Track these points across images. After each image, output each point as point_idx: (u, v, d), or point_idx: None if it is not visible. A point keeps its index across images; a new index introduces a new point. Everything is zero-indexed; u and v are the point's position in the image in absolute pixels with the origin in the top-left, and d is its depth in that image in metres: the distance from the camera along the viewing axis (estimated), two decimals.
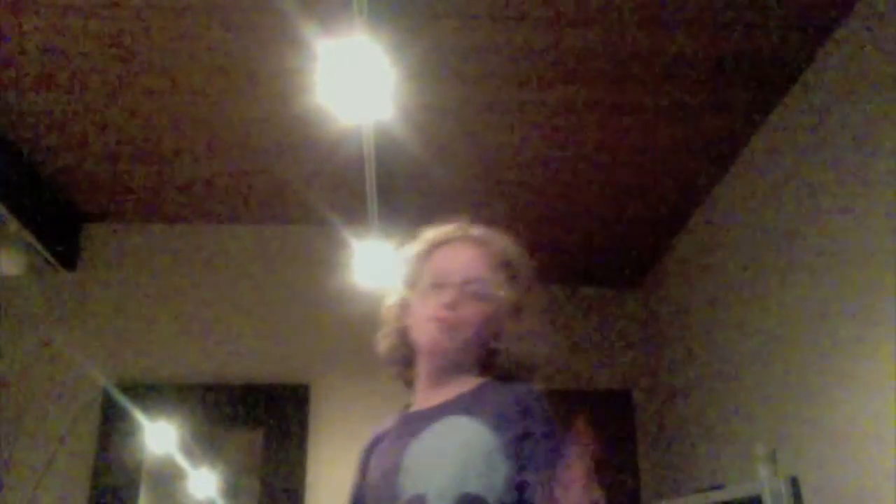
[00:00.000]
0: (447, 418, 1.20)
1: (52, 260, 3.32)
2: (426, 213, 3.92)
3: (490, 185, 3.30)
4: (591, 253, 3.83)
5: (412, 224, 3.65)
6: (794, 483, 2.49)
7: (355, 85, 1.86)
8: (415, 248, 1.39)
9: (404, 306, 1.34)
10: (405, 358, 1.35)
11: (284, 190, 3.32)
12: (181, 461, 3.23)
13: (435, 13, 2.36)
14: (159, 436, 3.20)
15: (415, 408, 1.31)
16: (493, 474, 1.12)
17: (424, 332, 1.28)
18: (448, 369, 1.28)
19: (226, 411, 3.33)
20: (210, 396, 3.29)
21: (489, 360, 1.29)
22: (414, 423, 1.24)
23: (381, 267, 2.99)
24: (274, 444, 3.30)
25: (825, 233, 2.47)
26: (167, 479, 3.29)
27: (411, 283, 1.35)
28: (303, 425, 3.29)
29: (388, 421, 1.37)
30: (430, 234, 1.40)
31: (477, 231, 1.36)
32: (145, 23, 2.39)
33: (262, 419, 3.34)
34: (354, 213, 3.10)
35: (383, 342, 1.37)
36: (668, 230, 3.64)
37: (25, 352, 3.28)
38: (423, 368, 1.31)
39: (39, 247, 3.19)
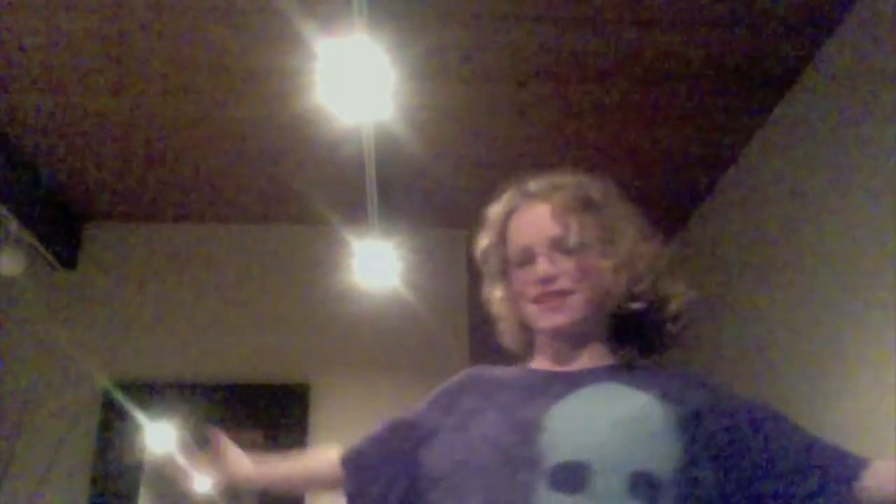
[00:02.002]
0: (600, 384, 1.08)
1: (52, 260, 3.32)
2: (426, 213, 3.95)
3: (490, 185, 3.29)
4: None
5: (412, 224, 3.68)
6: None
7: (355, 85, 1.86)
8: (486, 235, 1.27)
9: (509, 296, 1.21)
10: (530, 343, 1.23)
11: (284, 190, 3.32)
12: (181, 461, 3.23)
13: (435, 13, 2.36)
14: (159, 436, 3.20)
15: (546, 367, 1.17)
16: (669, 446, 1.01)
17: (537, 318, 1.15)
18: (579, 339, 1.15)
19: (226, 411, 3.33)
20: (210, 396, 3.29)
21: (612, 318, 1.16)
22: (553, 383, 1.10)
23: (381, 267, 2.99)
24: (274, 444, 3.29)
25: (825, 233, 2.47)
26: (167, 479, 3.29)
27: (503, 271, 1.22)
28: (303, 425, 3.29)
29: (488, 369, 1.22)
30: (492, 211, 1.29)
31: (544, 182, 1.24)
32: (145, 23, 2.39)
33: (262, 419, 3.34)
34: (354, 213, 3.10)
35: (504, 339, 1.26)
36: (668, 230, 3.64)
37: (25, 352, 3.28)
38: (550, 345, 1.18)
39: (39, 247, 3.19)
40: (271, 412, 3.33)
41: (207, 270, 3.55)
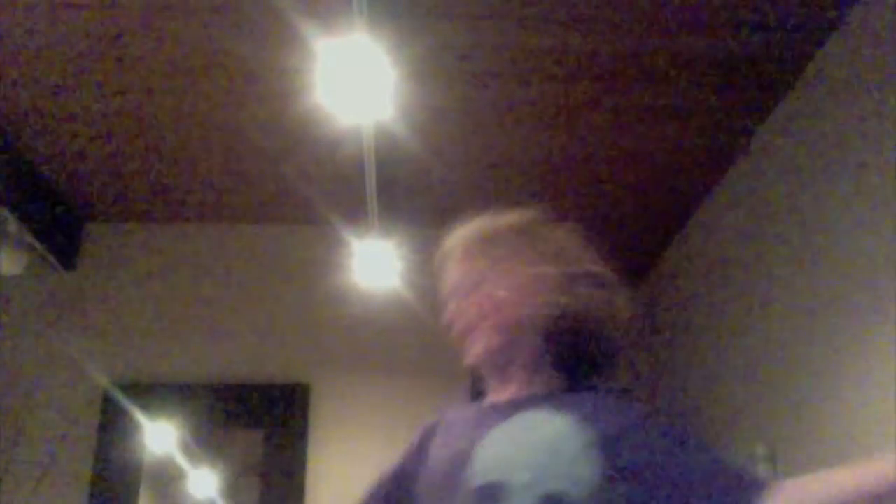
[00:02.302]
0: (526, 413, 1.14)
1: (52, 260, 3.32)
2: (426, 213, 3.96)
3: (490, 185, 3.30)
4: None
5: (412, 224, 3.68)
6: None
7: (355, 85, 1.86)
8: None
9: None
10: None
11: (284, 190, 3.32)
12: (181, 461, 3.23)
13: (435, 13, 2.36)
14: (159, 436, 3.20)
15: (489, 402, 1.23)
16: (586, 467, 1.05)
17: (463, 357, 1.24)
18: (504, 369, 1.21)
19: (226, 411, 3.33)
20: (210, 396, 3.29)
21: (557, 349, 1.19)
22: (488, 416, 1.17)
23: (381, 267, 2.99)
24: (274, 444, 3.30)
25: (825, 232, 2.47)
26: (167, 479, 3.29)
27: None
28: (303, 425, 3.29)
29: (454, 408, 1.31)
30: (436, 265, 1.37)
31: (452, 239, 1.32)
32: (145, 23, 2.39)
33: (262, 419, 3.34)
34: (354, 213, 3.10)
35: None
36: (668, 230, 3.64)
37: (25, 352, 3.28)
38: (487, 378, 1.26)
39: (39, 247, 3.19)
40: (271, 412, 3.33)
41: (207, 270, 3.55)
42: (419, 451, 1.28)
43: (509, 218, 1.29)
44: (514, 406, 1.16)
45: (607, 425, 1.09)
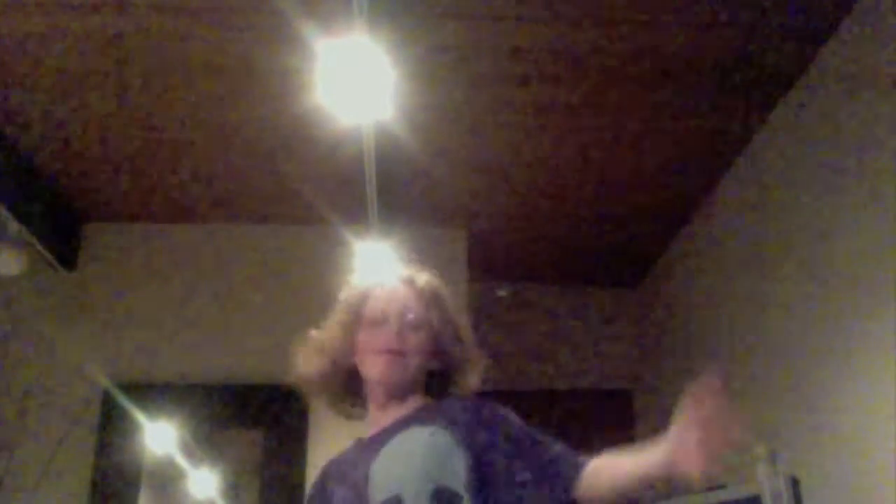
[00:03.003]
0: (404, 431, 1.34)
1: (52, 260, 3.32)
2: (426, 213, 3.95)
3: (490, 185, 3.30)
4: (591, 253, 3.83)
5: (412, 224, 3.68)
6: (794, 483, 2.49)
7: (355, 85, 1.86)
8: (349, 293, 1.58)
9: (347, 345, 1.49)
10: (347, 390, 1.52)
11: (284, 190, 3.32)
12: (181, 461, 3.23)
13: (435, 13, 2.36)
14: (159, 436, 3.20)
15: (369, 434, 1.44)
16: (455, 464, 1.27)
17: (375, 365, 1.42)
18: (397, 394, 1.43)
19: (226, 411, 3.33)
20: (210, 396, 3.29)
21: (428, 380, 1.45)
22: (373, 444, 1.37)
23: (381, 267, 2.99)
24: (274, 444, 3.29)
25: (825, 233, 2.47)
26: (167, 479, 3.29)
27: (350, 322, 1.51)
28: (303, 425, 3.29)
29: (341, 452, 1.52)
30: (361, 280, 1.60)
31: (404, 271, 1.55)
32: (145, 23, 2.39)
33: (262, 419, 3.34)
34: (354, 213, 3.09)
35: (315, 371, 1.58)
36: (668, 230, 3.64)
37: (25, 352, 3.28)
38: (373, 399, 1.46)
39: (39, 247, 3.19)
40: (271, 412, 3.32)
41: (207, 270, 3.55)
42: (320, 498, 1.45)
43: (443, 285, 1.56)
44: (393, 430, 1.36)
45: (463, 422, 1.32)
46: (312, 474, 3.23)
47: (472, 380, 1.48)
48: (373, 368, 1.44)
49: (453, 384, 1.48)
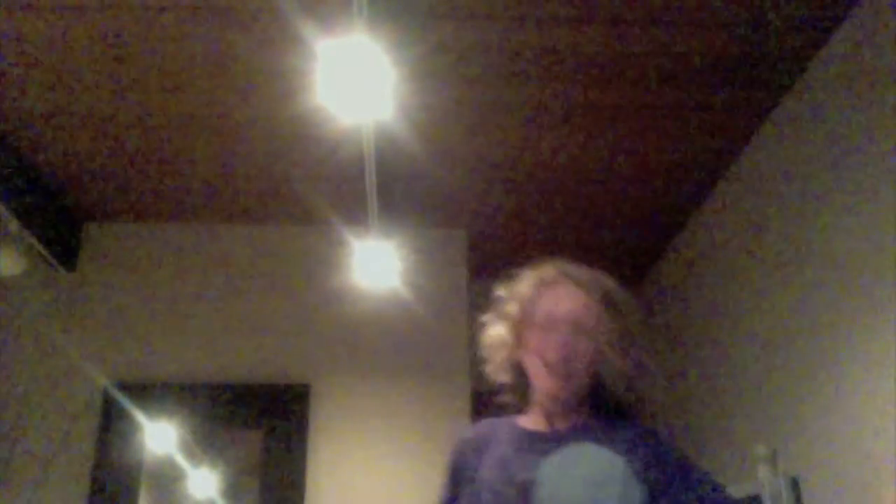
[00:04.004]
0: (578, 444, 1.32)
1: (52, 260, 3.32)
2: (426, 213, 3.95)
3: (490, 185, 3.30)
4: (590, 253, 3.83)
5: (412, 224, 3.67)
6: (794, 483, 2.49)
7: (355, 85, 1.86)
8: (521, 285, 1.47)
9: (516, 341, 1.43)
10: (520, 388, 1.45)
11: (284, 190, 3.32)
12: (181, 461, 3.23)
13: (435, 13, 2.36)
14: (159, 436, 3.20)
15: (535, 427, 1.40)
16: (631, 496, 1.26)
17: (542, 375, 1.38)
18: (565, 403, 1.39)
19: (226, 411, 3.33)
20: (210, 396, 3.29)
21: (599, 390, 1.40)
22: (541, 442, 1.34)
23: (381, 267, 2.99)
24: (274, 444, 3.29)
25: (825, 232, 2.47)
26: (167, 479, 3.29)
27: (519, 320, 1.43)
28: (303, 425, 3.29)
29: (484, 429, 1.46)
30: (536, 272, 1.48)
31: (580, 272, 1.46)
32: (145, 23, 2.39)
33: (262, 419, 3.34)
34: (354, 213, 3.10)
35: (498, 375, 1.47)
36: (668, 230, 3.64)
37: (25, 352, 3.28)
38: (539, 400, 1.41)
39: (39, 247, 3.19)
40: (271, 412, 3.33)
41: (207, 270, 3.55)
42: (456, 483, 1.42)
43: (628, 294, 1.48)
44: (560, 438, 1.34)
45: (641, 455, 1.30)
46: (312, 474, 3.25)
47: (639, 394, 1.43)
48: (539, 380, 1.40)
49: (625, 399, 1.42)
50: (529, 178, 3.23)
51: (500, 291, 1.50)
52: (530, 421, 1.42)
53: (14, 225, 2.99)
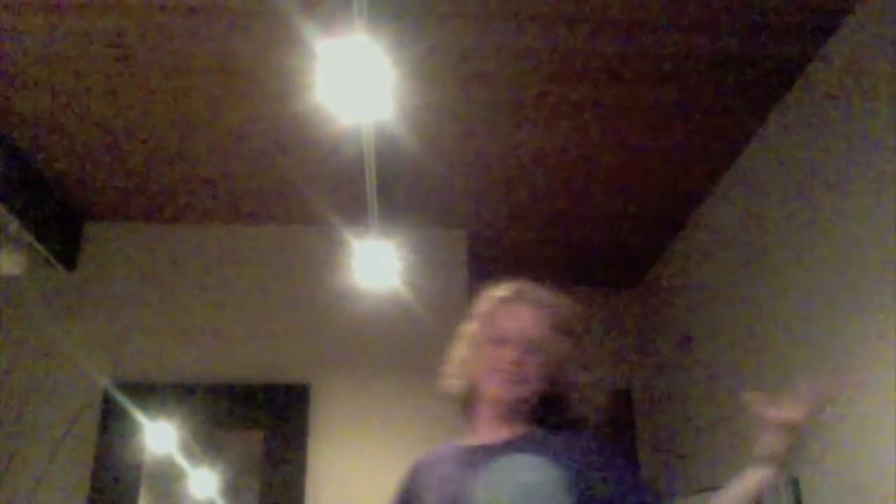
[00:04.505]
0: (514, 455, 1.37)
1: (52, 260, 3.32)
2: (426, 213, 3.95)
3: (490, 185, 3.30)
4: (590, 253, 3.83)
5: (412, 224, 3.67)
6: (794, 483, 2.49)
7: (355, 85, 1.86)
8: (481, 305, 1.56)
9: (474, 358, 1.51)
10: (469, 398, 1.52)
11: (284, 190, 3.32)
12: (181, 461, 3.23)
13: (435, 13, 2.36)
14: (159, 436, 3.20)
15: (474, 443, 1.47)
16: (560, 503, 1.31)
17: (490, 384, 1.45)
18: (507, 414, 1.45)
19: (226, 411, 3.33)
20: (210, 396, 3.29)
21: (543, 404, 1.47)
22: (478, 457, 1.40)
23: (381, 267, 2.99)
24: (274, 444, 3.30)
25: (825, 233, 2.47)
26: (167, 479, 3.29)
27: (477, 337, 1.52)
28: (303, 425, 3.29)
29: (434, 451, 1.54)
30: (495, 292, 1.56)
31: (537, 292, 1.53)
32: (145, 23, 2.39)
33: (262, 419, 3.34)
34: (354, 213, 3.10)
35: (453, 385, 1.54)
36: (667, 230, 3.64)
37: (25, 352, 3.28)
38: (484, 411, 1.48)
39: (39, 247, 3.19)
40: (271, 412, 3.33)
41: (207, 271, 3.55)
42: (408, 496, 1.50)
43: (575, 311, 1.55)
44: (498, 449, 1.39)
45: (574, 464, 1.35)
46: (312, 474, 3.25)
47: (585, 410, 1.49)
48: (488, 387, 1.46)
49: (568, 415, 1.49)
50: (529, 179, 3.23)
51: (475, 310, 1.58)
52: (474, 437, 1.49)
53: (14, 225, 2.99)
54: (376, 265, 3.00)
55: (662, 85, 2.66)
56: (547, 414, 1.47)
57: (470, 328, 1.55)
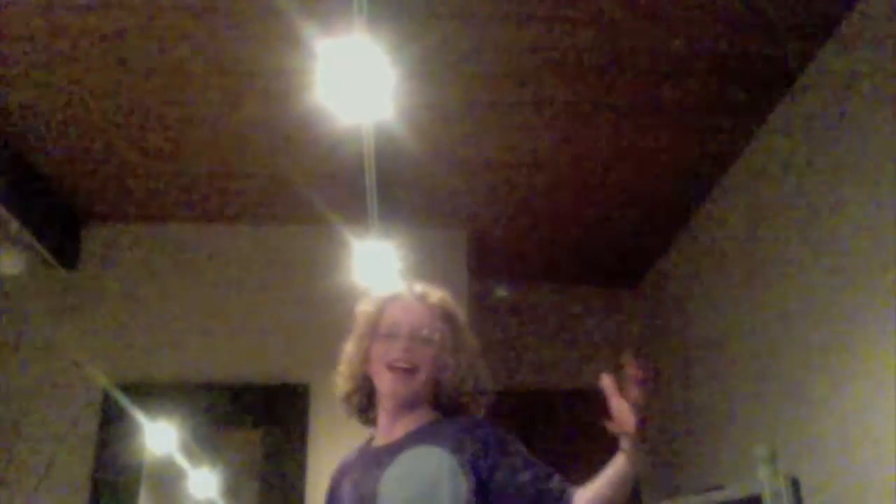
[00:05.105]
0: (413, 448, 1.43)
1: (52, 260, 3.32)
2: (426, 213, 3.95)
3: (490, 185, 3.30)
4: (591, 253, 3.83)
5: (412, 224, 3.67)
6: (794, 483, 2.48)
7: (355, 85, 1.86)
8: (368, 304, 1.62)
9: (362, 355, 1.57)
10: (364, 399, 1.59)
11: (284, 190, 3.32)
12: (181, 461, 3.23)
13: (435, 13, 2.36)
14: (159, 436, 3.20)
15: (379, 442, 1.53)
16: (459, 488, 1.36)
17: (385, 379, 1.50)
18: (406, 407, 1.51)
19: (226, 411, 3.33)
20: (210, 396, 3.29)
21: (437, 392, 1.53)
22: (382, 456, 1.46)
23: (381, 267, 2.99)
24: (274, 444, 3.30)
25: (825, 233, 2.47)
26: (167, 479, 3.29)
27: (366, 335, 1.57)
28: (303, 425, 3.29)
29: (351, 454, 1.61)
30: (382, 292, 1.64)
31: (421, 288, 1.61)
32: (145, 23, 2.39)
33: (262, 419, 3.34)
34: (354, 213, 3.09)
35: (343, 386, 1.61)
36: (668, 230, 3.64)
37: (25, 352, 3.28)
38: (383, 408, 1.54)
39: (39, 247, 3.19)
40: (271, 412, 3.33)
41: (207, 270, 3.55)
42: (333, 499, 1.56)
43: (460, 309, 1.64)
44: (399, 445, 1.45)
45: (469, 447, 1.40)
46: (312, 474, 3.24)
47: (480, 397, 1.55)
48: (382, 382, 1.51)
49: (461, 400, 1.54)
50: (529, 179, 3.23)
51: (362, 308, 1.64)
52: (377, 437, 1.55)
53: (14, 225, 2.99)
54: (376, 265, 3.00)
55: (662, 85, 2.66)
56: (442, 402, 1.53)
57: (357, 330, 1.61)
